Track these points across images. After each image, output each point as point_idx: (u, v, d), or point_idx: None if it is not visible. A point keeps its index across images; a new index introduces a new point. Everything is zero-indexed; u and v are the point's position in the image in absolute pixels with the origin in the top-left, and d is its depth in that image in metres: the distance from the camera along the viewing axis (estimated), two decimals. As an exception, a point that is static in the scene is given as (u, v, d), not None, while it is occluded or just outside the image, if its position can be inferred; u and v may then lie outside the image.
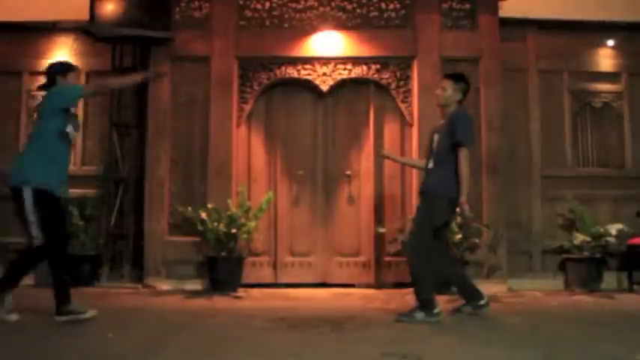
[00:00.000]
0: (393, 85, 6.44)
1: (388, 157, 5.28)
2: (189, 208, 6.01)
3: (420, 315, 4.13)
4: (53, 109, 3.98)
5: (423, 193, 4.42)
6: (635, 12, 6.67)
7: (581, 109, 6.86)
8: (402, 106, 6.42)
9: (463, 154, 4.22)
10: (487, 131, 6.28)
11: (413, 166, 5.57)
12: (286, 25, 6.46)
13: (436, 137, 4.44)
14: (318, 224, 6.50)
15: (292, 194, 6.53)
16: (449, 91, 4.41)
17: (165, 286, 6.04)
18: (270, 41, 6.40)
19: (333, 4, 6.47)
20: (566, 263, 6.31)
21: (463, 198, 4.20)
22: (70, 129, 4.04)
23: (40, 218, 3.87)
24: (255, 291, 5.90)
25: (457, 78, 4.49)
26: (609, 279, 6.24)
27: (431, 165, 4.43)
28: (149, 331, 3.73)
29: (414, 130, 6.35)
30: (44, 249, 3.94)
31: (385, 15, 6.46)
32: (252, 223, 5.97)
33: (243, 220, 5.92)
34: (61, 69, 4.18)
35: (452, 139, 4.25)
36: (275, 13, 6.47)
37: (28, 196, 3.86)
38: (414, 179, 6.31)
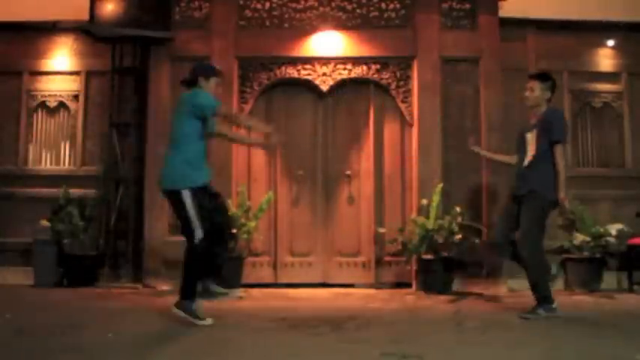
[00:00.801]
0: (393, 85, 6.44)
1: (479, 153, 5.36)
2: (190, 208, 6.00)
3: (541, 311, 4.25)
4: (192, 113, 3.98)
5: (524, 194, 4.42)
6: (635, 12, 6.67)
7: (581, 109, 6.86)
8: (402, 106, 6.42)
9: (559, 152, 4.35)
10: (487, 131, 6.29)
11: (502, 162, 5.31)
12: (286, 25, 6.46)
13: (529, 136, 4.53)
14: (318, 224, 6.50)
15: (292, 194, 6.53)
16: (537, 91, 4.53)
17: (165, 286, 6.04)
18: (270, 41, 6.40)
19: (333, 4, 6.47)
20: (566, 263, 6.30)
21: (562, 195, 4.30)
22: (208, 128, 4.08)
23: (200, 217, 3.91)
24: (255, 291, 5.90)
25: (543, 77, 4.59)
26: (609, 279, 6.24)
27: (527, 164, 4.50)
28: (149, 331, 3.73)
29: (414, 130, 6.35)
30: (208, 242, 3.96)
31: (385, 15, 6.47)
32: (252, 223, 5.97)
33: (243, 220, 5.92)
34: (205, 71, 4.17)
35: (549, 138, 4.37)
36: (275, 13, 6.47)
37: (187, 197, 3.90)
38: (414, 179, 6.32)
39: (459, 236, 5.85)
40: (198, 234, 3.90)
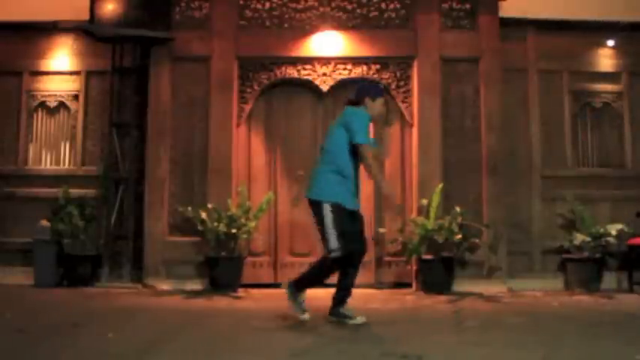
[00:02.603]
0: (393, 86, 6.43)
1: None
2: (189, 208, 6.01)
3: None
4: (346, 129, 3.99)
5: None
6: (635, 12, 6.66)
7: (581, 109, 6.85)
8: (402, 106, 6.42)
9: None
10: (487, 131, 6.29)
11: None
12: (286, 25, 6.46)
13: None
14: (318, 224, 6.48)
15: (292, 194, 6.52)
16: None
17: (165, 286, 6.04)
18: (270, 41, 6.40)
19: (333, 4, 6.47)
20: (566, 263, 6.30)
21: None
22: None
23: (337, 231, 3.91)
24: (255, 291, 5.90)
25: None
26: (609, 279, 6.24)
27: None
28: (149, 331, 3.73)
29: (414, 130, 6.35)
30: (342, 259, 3.98)
31: (385, 15, 6.46)
32: (252, 223, 5.97)
33: (243, 220, 5.92)
34: (371, 92, 4.15)
35: None
36: (275, 13, 6.47)
37: (327, 211, 3.93)
38: (414, 179, 6.31)
39: (459, 236, 5.85)
40: (333, 245, 3.90)
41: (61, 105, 6.84)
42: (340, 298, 4.07)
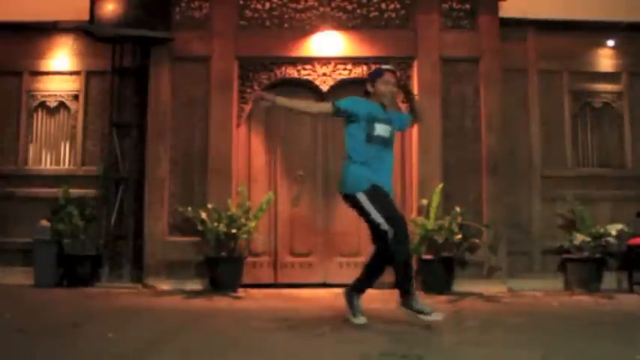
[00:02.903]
0: (393, 85, 6.43)
1: None
2: (189, 208, 6.01)
3: None
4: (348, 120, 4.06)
5: None
6: (635, 12, 6.67)
7: (581, 109, 6.86)
8: (402, 106, 6.41)
9: None
10: (487, 131, 6.29)
11: None
12: (286, 25, 6.46)
13: None
14: (318, 224, 6.50)
15: (292, 194, 6.52)
16: None
17: (165, 286, 6.04)
18: (270, 41, 6.40)
19: (333, 4, 6.47)
20: (566, 263, 6.31)
21: None
22: (378, 131, 4.00)
23: (377, 208, 3.89)
24: (255, 291, 5.90)
25: None
26: (609, 279, 6.24)
27: None
28: (149, 331, 3.73)
29: (414, 130, 6.34)
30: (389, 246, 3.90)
31: (385, 15, 6.47)
32: (252, 224, 5.97)
33: (243, 221, 5.92)
34: (369, 78, 4.16)
35: None
36: (275, 13, 6.47)
37: (362, 198, 3.93)
38: (414, 179, 6.32)
39: (459, 236, 5.85)
40: (384, 226, 3.86)
41: (61, 105, 6.85)
42: (363, 283, 4.07)
